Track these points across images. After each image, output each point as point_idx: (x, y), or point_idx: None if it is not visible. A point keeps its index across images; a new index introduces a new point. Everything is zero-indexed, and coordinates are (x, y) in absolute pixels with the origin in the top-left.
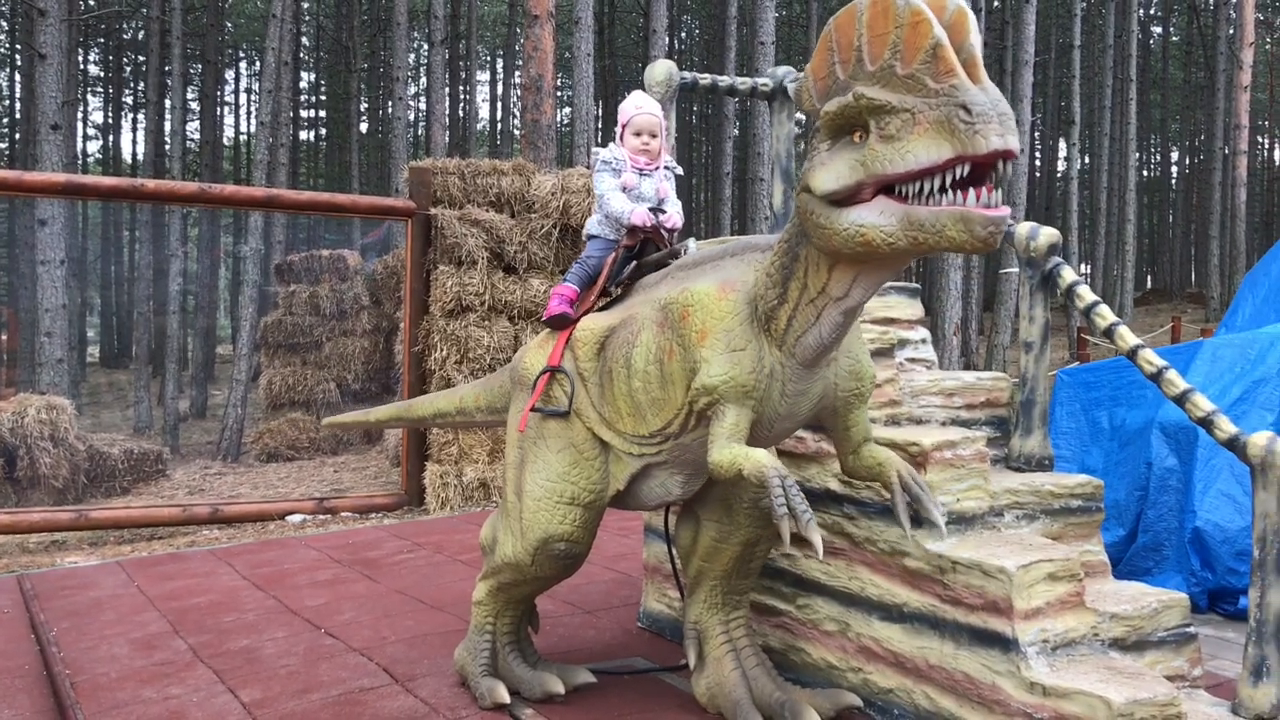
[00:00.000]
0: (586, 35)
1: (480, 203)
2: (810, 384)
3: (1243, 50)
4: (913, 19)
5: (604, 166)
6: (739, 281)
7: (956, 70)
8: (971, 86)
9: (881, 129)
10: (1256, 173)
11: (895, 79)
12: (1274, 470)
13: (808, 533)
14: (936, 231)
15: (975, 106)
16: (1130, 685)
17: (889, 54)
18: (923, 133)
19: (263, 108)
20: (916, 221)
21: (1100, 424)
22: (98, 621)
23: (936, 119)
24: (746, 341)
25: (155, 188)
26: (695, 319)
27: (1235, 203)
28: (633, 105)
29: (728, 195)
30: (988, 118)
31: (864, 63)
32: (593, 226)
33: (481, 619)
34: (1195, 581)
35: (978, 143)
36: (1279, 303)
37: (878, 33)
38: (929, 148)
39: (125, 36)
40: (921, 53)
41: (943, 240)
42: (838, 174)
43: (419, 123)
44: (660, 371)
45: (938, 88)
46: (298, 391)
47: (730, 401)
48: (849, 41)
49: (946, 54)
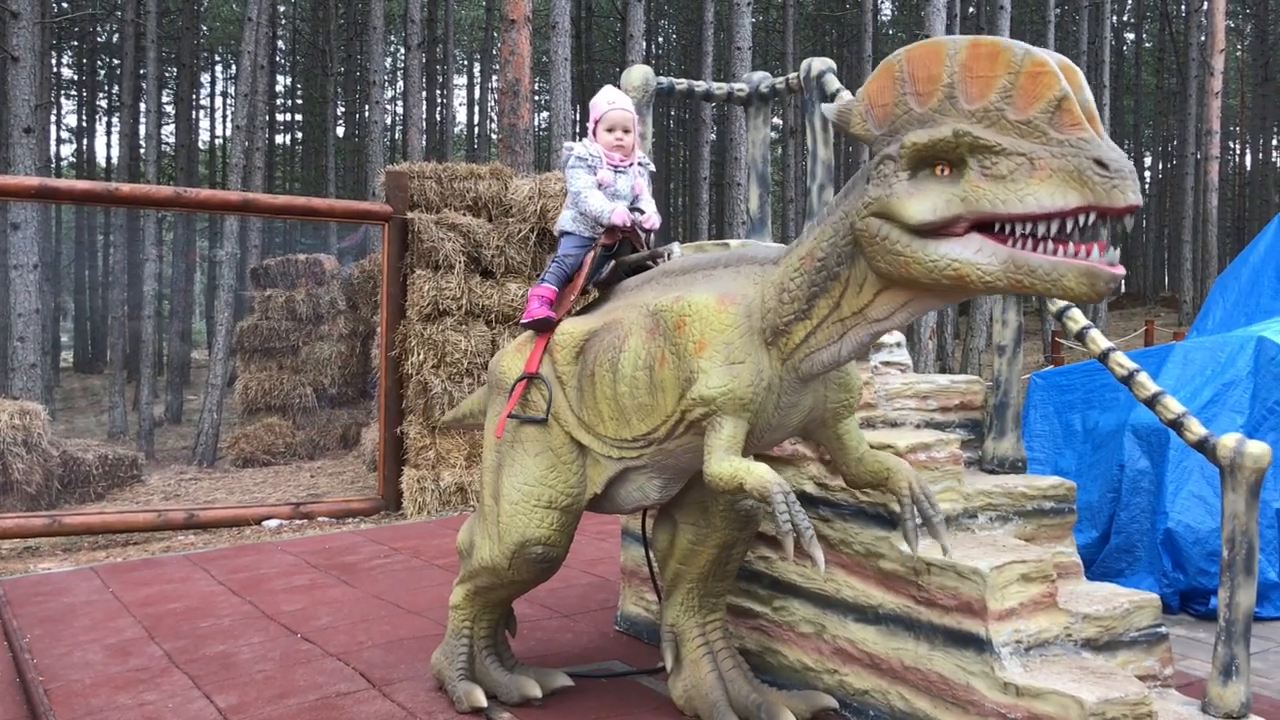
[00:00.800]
0: (564, 40)
1: (457, 207)
2: (802, 396)
3: (1214, 57)
4: (1034, 68)
5: (579, 163)
6: (739, 294)
7: (1084, 124)
8: (1102, 141)
9: (987, 168)
10: (1228, 178)
11: (1005, 122)
12: (1243, 472)
13: (810, 549)
14: (1050, 280)
15: (1112, 162)
16: (1102, 685)
17: (997, 97)
18: (1045, 178)
19: (238, 111)
20: (1026, 266)
21: (1074, 426)
22: (72, 628)
23: (1063, 168)
24: (746, 355)
25: (130, 192)
26: (693, 329)
27: (1207, 207)
28: (605, 100)
29: (705, 200)
30: (1124, 173)
31: (956, 99)
32: (566, 223)
33: (459, 623)
34: (1167, 582)
35: (1115, 196)
36: (1249, 306)
37: (979, 74)
38: (1053, 194)
39: (100, 39)
40: (1042, 101)
41: (1055, 289)
42: (934, 206)
43: (396, 127)
44: (650, 378)
45: (1062, 138)
46: (274, 396)
47: (727, 414)
48: (932, 76)
49: (1074, 107)
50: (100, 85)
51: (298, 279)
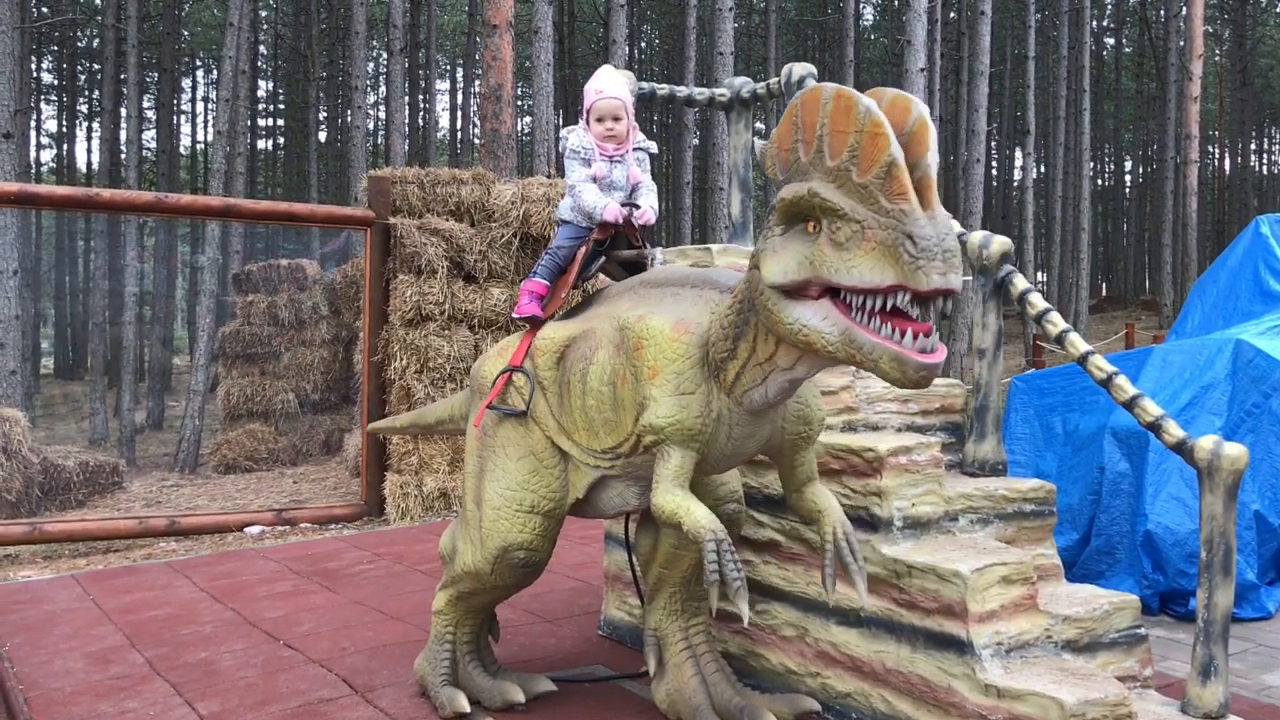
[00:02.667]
0: (546, 45)
1: (440, 212)
2: (758, 427)
3: (1192, 62)
4: (872, 128)
5: (573, 155)
6: (694, 323)
7: (909, 194)
8: (920, 215)
9: (833, 233)
10: (1207, 182)
11: (850, 184)
12: (1220, 473)
13: (735, 599)
14: (872, 360)
15: (921, 240)
16: (1082, 686)
17: (847, 156)
18: (869, 250)
19: (220, 116)
20: (855, 343)
21: (1054, 429)
22: (52, 636)
23: (883, 240)
24: (696, 385)
25: (110, 197)
26: (649, 354)
27: (1187, 211)
28: (593, 90)
29: (688, 204)
30: (931, 254)
31: (824, 155)
32: (564, 211)
33: (441, 628)
34: (1147, 584)
35: (919, 278)
36: (1227, 309)
37: (839, 129)
38: (874, 268)
39: (80, 44)
40: (878, 166)
41: (877, 370)
42: (785, 267)
43: (378, 132)
44: (613, 394)
45: (890, 207)
46: (256, 402)
47: (675, 444)
48: (812, 125)
49: (901, 175)
50: (81, 90)
51: (280, 284)
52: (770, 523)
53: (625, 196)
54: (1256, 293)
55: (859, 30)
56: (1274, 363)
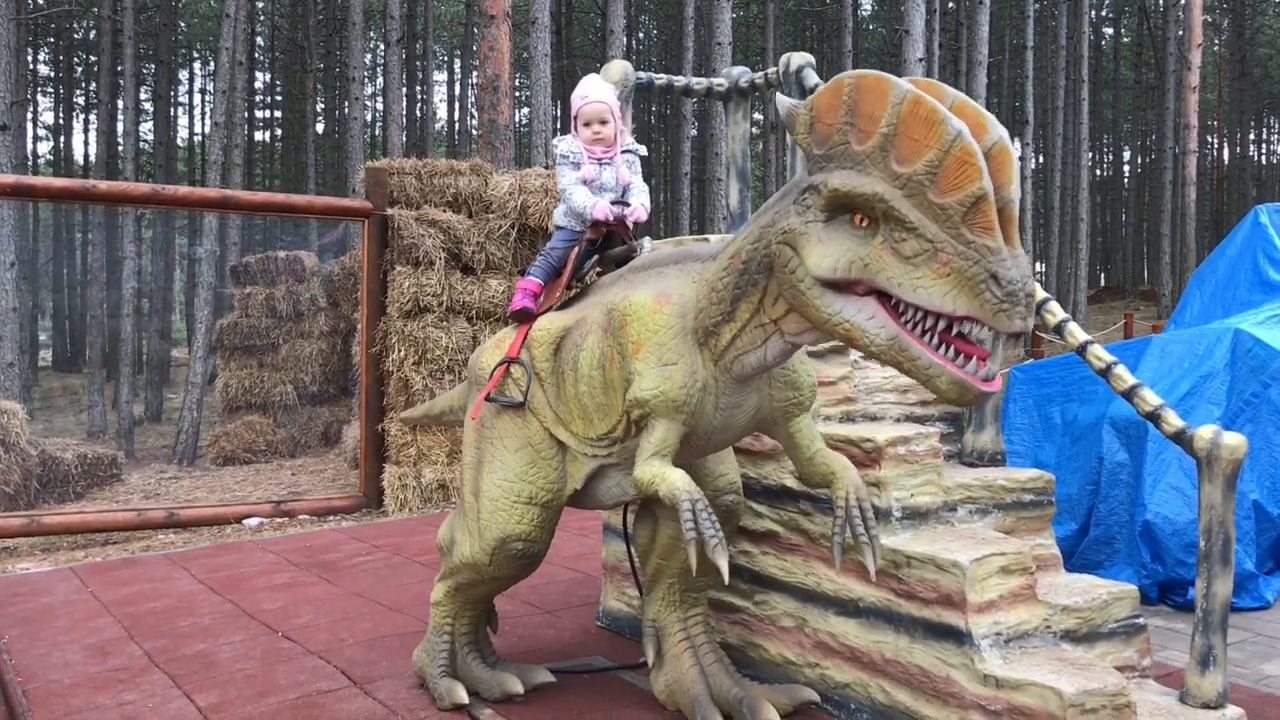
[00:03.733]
0: (544, 35)
1: (437, 203)
2: (744, 397)
3: (1191, 51)
4: (961, 154)
5: (563, 160)
6: (675, 294)
7: (995, 231)
8: (1006, 255)
9: (896, 243)
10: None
11: (925, 200)
12: (1219, 463)
13: (714, 557)
14: (926, 375)
15: (1007, 283)
16: (1081, 676)
17: (923, 169)
18: (942, 274)
19: (217, 108)
20: (908, 353)
21: (1053, 419)
22: (50, 628)
23: (961, 270)
24: (679, 356)
25: (107, 189)
26: (632, 329)
27: (1185, 201)
28: (579, 96)
29: (686, 195)
30: (1016, 298)
31: (888, 155)
32: (559, 217)
33: (440, 620)
34: (1146, 574)
35: (1000, 321)
36: (1226, 299)
37: (914, 136)
38: (948, 295)
39: (76, 36)
40: (963, 194)
41: (928, 384)
42: (834, 263)
43: (376, 123)
44: (603, 377)
45: (973, 239)
46: (254, 394)
47: (660, 416)
48: (873, 117)
49: (989, 211)
50: (77, 82)
51: (278, 276)
52: (769, 514)
53: (616, 197)
54: (1255, 282)
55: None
56: (1273, 352)
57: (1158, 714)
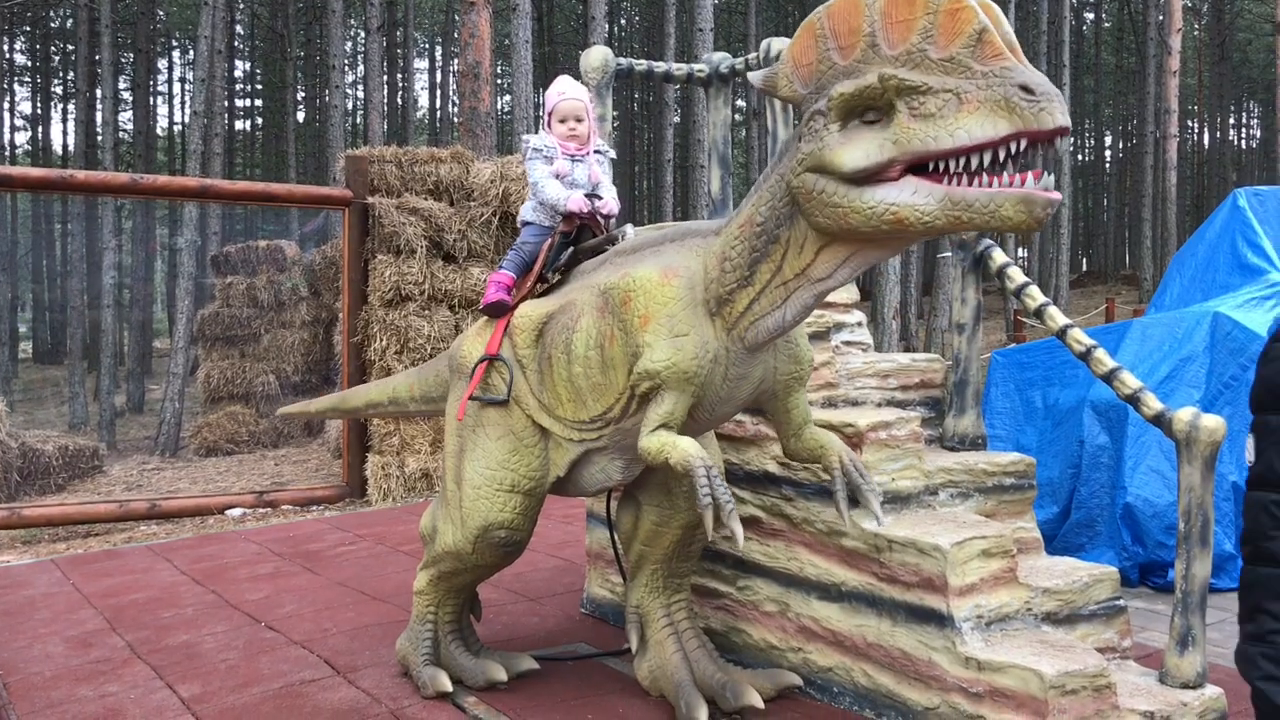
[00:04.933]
0: (525, 22)
1: (418, 191)
2: (751, 368)
3: (1171, 36)
4: (951, 5)
5: (535, 154)
6: (681, 267)
7: (1006, 54)
8: (1024, 67)
9: (915, 109)
10: (1187, 156)
11: (929, 62)
12: (1198, 445)
13: (729, 521)
14: (989, 211)
15: (1037, 86)
16: (1062, 658)
17: (918, 39)
18: (973, 110)
19: (196, 97)
20: (963, 201)
21: (1034, 403)
22: (32, 621)
23: (990, 98)
24: (690, 327)
25: (85, 179)
26: (638, 304)
27: (1166, 186)
28: (556, 92)
29: (669, 182)
30: (1049, 96)
31: (878, 47)
32: (527, 213)
33: (423, 608)
34: (1127, 556)
35: (1043, 119)
36: (1205, 282)
37: (899, 19)
38: (983, 124)
39: (53, 25)
40: (963, 37)
41: (994, 220)
42: (866, 152)
43: (357, 111)
44: (601, 357)
45: (985, 69)
46: (236, 385)
47: (671, 387)
48: (851, 28)
49: (994, 39)
50: (55, 71)
51: (259, 266)
52: (751, 499)
53: (587, 194)
54: (1234, 265)
55: None
56: (1251, 335)
57: (1138, 694)
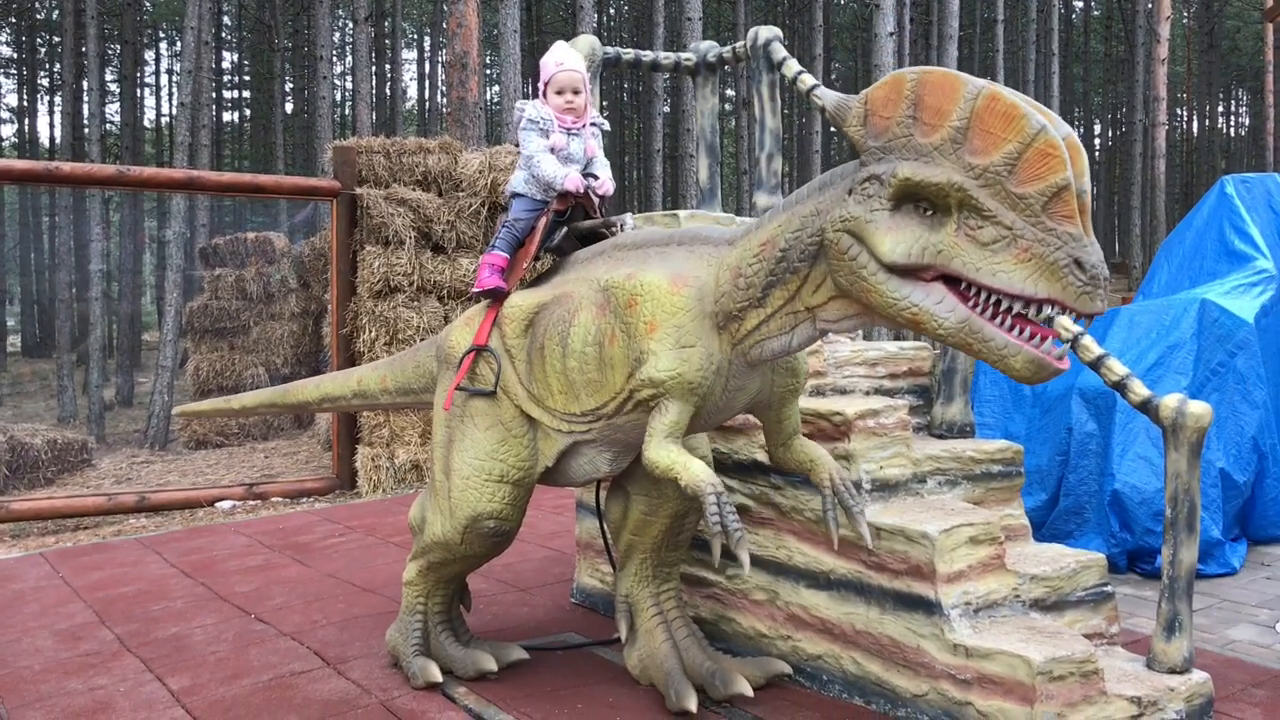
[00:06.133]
0: (513, 12)
1: (406, 182)
2: (750, 380)
3: (1160, 24)
4: (1045, 146)
5: (530, 125)
6: (691, 276)
7: (1077, 219)
8: (1088, 242)
9: (972, 230)
10: (1176, 144)
11: (1003, 190)
12: (1184, 431)
13: (737, 549)
14: (999, 355)
15: (1090, 267)
16: (1049, 644)
17: (1000, 160)
18: (1022, 259)
19: (183, 89)
20: (981, 334)
21: (1022, 391)
22: (20, 614)
23: (1043, 255)
24: (696, 338)
25: (71, 171)
26: (644, 309)
27: (1155, 173)
28: (553, 62)
29: (659, 172)
30: (1098, 281)
31: (960, 146)
32: (518, 184)
33: (412, 599)
34: (1115, 543)
35: (1083, 302)
36: (1193, 270)
37: (990, 130)
38: (1026, 278)
39: (39, 16)
40: (1044, 184)
41: (1000, 364)
42: (908, 249)
43: (345, 102)
44: (599, 354)
45: (1051, 225)
46: (226, 377)
47: (675, 397)
48: (942, 110)
49: (1071, 200)
50: (41, 63)
51: (248, 258)
52: (740, 488)
53: (582, 169)
54: (1222, 252)
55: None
56: (1239, 322)
57: (1125, 680)
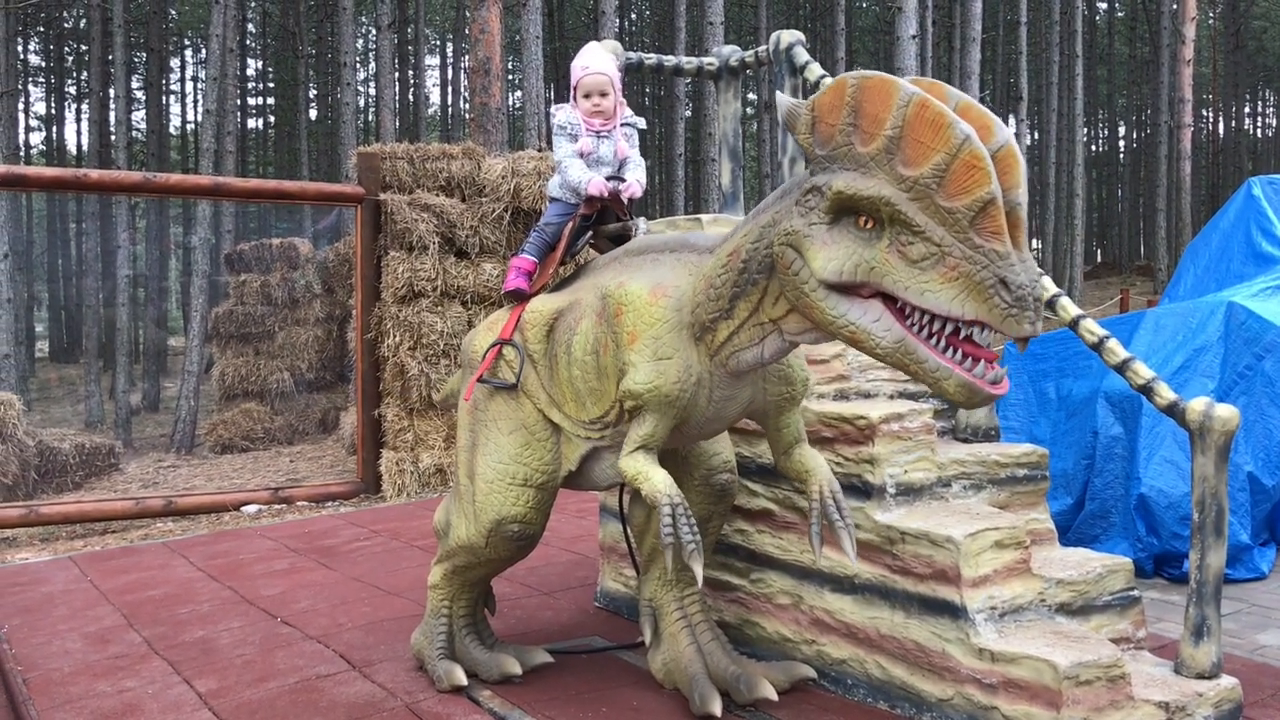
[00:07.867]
0: (535, 17)
1: (430, 187)
2: (738, 389)
3: (1185, 24)
4: (970, 158)
5: (560, 131)
6: (671, 286)
7: (1004, 236)
8: (1015, 260)
9: (903, 246)
10: (1201, 146)
11: (932, 204)
12: (1211, 435)
13: (689, 561)
14: (933, 378)
15: (1016, 288)
16: (1076, 649)
17: (929, 172)
18: (949, 278)
19: (209, 96)
20: (915, 355)
21: (1047, 394)
22: (50, 617)
23: (969, 274)
24: (674, 350)
25: (99, 178)
26: (627, 319)
27: (1180, 175)
28: (580, 66)
29: (681, 176)
30: (1025, 303)
31: (894, 158)
32: (554, 189)
33: (437, 602)
34: (1141, 547)
35: (1010, 326)
36: (1219, 272)
37: (922, 140)
38: (954, 299)
39: (66, 25)
40: (971, 199)
41: (934, 386)
42: (840, 266)
43: (369, 109)
44: (597, 363)
45: (981, 244)
46: (251, 382)
47: (651, 409)
48: (877, 119)
49: (998, 215)
50: (68, 71)
51: (273, 263)
52: (764, 492)
53: (613, 171)
54: (1249, 255)
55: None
56: (1266, 325)
57: (1152, 685)
